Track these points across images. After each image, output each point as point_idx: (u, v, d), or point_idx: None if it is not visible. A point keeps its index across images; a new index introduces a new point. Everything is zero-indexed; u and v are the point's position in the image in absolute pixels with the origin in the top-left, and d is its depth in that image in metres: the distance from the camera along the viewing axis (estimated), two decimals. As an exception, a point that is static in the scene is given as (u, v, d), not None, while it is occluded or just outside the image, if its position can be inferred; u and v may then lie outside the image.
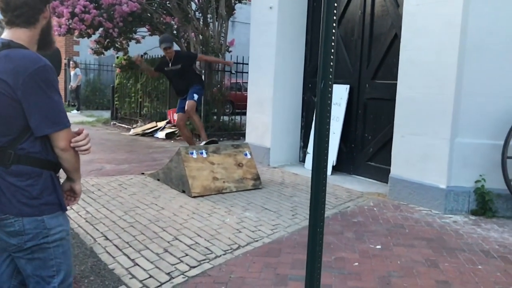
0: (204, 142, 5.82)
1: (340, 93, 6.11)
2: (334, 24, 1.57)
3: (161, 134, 9.48)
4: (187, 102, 6.13)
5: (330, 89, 1.65)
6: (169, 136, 9.36)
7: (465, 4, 4.37)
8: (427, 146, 4.71)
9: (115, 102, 12.50)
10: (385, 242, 3.69)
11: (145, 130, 9.94)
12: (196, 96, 6.20)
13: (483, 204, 4.48)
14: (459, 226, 4.16)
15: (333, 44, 1.57)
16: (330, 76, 1.63)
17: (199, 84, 6.44)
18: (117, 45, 10.44)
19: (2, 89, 1.53)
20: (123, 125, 11.52)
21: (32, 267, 1.63)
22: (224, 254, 3.33)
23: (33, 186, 1.60)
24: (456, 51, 4.44)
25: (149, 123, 10.55)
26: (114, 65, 12.19)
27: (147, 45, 11.39)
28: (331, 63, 1.65)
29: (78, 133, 1.66)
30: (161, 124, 10.01)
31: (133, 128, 10.65)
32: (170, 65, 6.39)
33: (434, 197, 4.66)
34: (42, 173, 1.62)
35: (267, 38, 6.70)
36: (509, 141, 4.34)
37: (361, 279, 3.01)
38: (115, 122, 12.10)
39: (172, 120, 9.94)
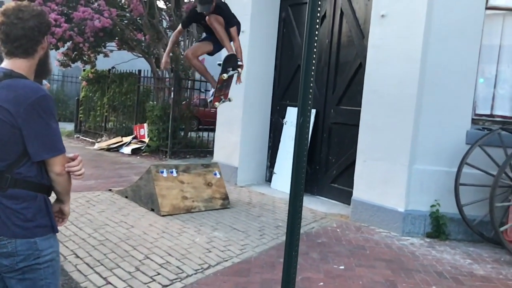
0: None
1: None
2: (313, 73, 1.76)
3: (126, 150, 9.43)
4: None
5: (308, 125, 1.83)
6: (135, 152, 9.32)
7: (425, 42, 4.74)
8: (388, 171, 5.00)
9: (80, 115, 12.31)
10: (348, 263, 3.90)
11: (110, 145, 9.86)
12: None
13: (438, 228, 4.79)
14: (415, 248, 4.43)
15: (311, 90, 1.76)
16: (308, 114, 1.81)
17: None
18: (84, 58, 10.37)
19: (4, 116, 1.62)
20: (87, 138, 11.36)
21: (22, 287, 1.70)
22: (195, 274, 3.42)
23: (27, 209, 1.67)
24: (415, 84, 4.79)
25: (114, 137, 10.46)
26: (80, 77, 12.05)
27: (115, 59, 11.39)
28: (310, 102, 1.84)
29: (73, 159, 1.76)
30: (126, 139, 9.96)
31: (97, 142, 10.53)
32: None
33: (393, 220, 4.94)
34: (36, 196, 1.70)
35: (238, 60, 6.89)
36: (462, 169, 4.69)
37: (326, 299, 3.18)
38: (79, 135, 11.91)
39: (138, 136, 9.92)
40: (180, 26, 5.21)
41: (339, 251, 4.18)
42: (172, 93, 9.22)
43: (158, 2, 9.40)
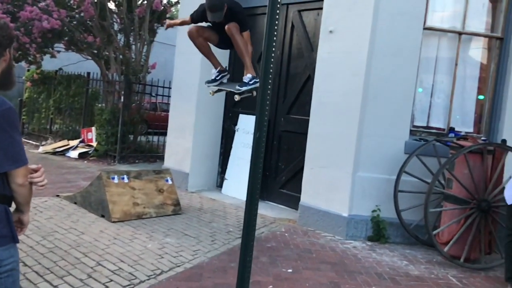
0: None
1: (257, 125, 6.56)
2: (269, 91, 1.93)
3: (73, 154, 9.20)
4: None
5: (264, 139, 1.99)
6: (82, 156, 9.11)
7: (369, 57, 5.07)
8: (333, 178, 5.28)
9: (23, 117, 11.82)
10: (296, 266, 4.10)
11: (56, 148, 9.56)
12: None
13: (378, 231, 5.13)
14: (358, 251, 4.72)
15: (267, 107, 1.92)
16: (265, 129, 1.98)
17: None
18: (30, 58, 10.00)
19: None
20: (30, 141, 10.93)
21: (-19, 296, 1.72)
22: (148, 279, 3.48)
23: (-12, 220, 1.71)
24: (359, 97, 5.11)
25: (60, 141, 10.16)
26: (24, 78, 11.57)
27: (61, 60, 11.07)
28: (266, 118, 2.00)
29: (36, 170, 1.81)
30: (73, 143, 9.70)
31: (42, 145, 10.17)
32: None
33: (338, 224, 5.22)
34: (-3, 207, 1.73)
35: (192, 67, 6.98)
36: (401, 176, 5.06)
37: (275, 300, 3.36)
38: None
39: (85, 139, 9.70)
40: (188, 18, 4.62)
41: (287, 255, 4.38)
42: (122, 97, 9.11)
43: (109, 5, 9.27)
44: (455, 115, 5.61)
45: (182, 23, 4.91)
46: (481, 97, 5.62)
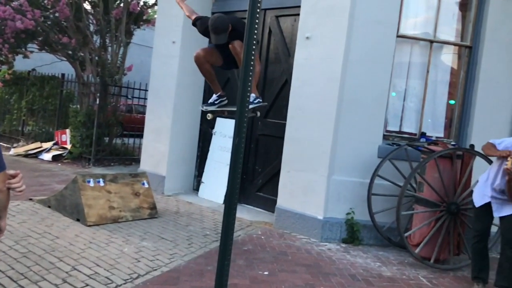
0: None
1: (235, 128, 6.61)
2: (248, 98, 1.98)
3: (47, 156, 9.03)
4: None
5: (242, 145, 2.05)
6: (56, 158, 8.95)
7: (344, 63, 5.19)
8: (309, 182, 5.37)
9: (-7, 118, 11.54)
10: (272, 269, 4.16)
11: (28, 150, 9.36)
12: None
13: (352, 234, 5.24)
14: (332, 253, 4.82)
15: (246, 114, 1.97)
16: (244, 135, 2.03)
17: None
18: (1, 59, 9.77)
19: None
20: (1, 143, 10.65)
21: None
22: (124, 284, 3.48)
23: (-35, 225, 1.70)
24: (335, 102, 5.22)
25: (32, 143, 9.95)
26: (-5, 78, 11.29)
27: (35, 60, 10.86)
28: (245, 124, 2.06)
29: (14, 176, 1.81)
30: (46, 145, 9.52)
31: (13, 147, 9.94)
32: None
33: (313, 227, 5.31)
34: (-26, 213, 1.73)
35: (169, 70, 6.98)
36: (374, 180, 5.19)
37: (252, 303, 3.41)
38: (-9, 139, 11.13)
39: (59, 142, 9.54)
40: (193, 18, 4.34)
41: (264, 258, 4.43)
42: (97, 99, 9.01)
43: (85, 5, 9.16)
44: (427, 120, 5.80)
45: (186, 12, 4.47)
46: (452, 102, 5.83)
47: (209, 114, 4.25)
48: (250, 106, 3.86)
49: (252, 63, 2.17)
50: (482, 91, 5.58)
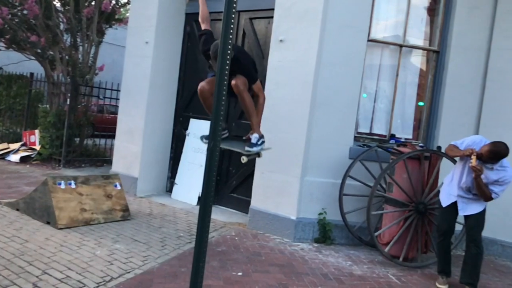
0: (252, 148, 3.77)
1: (209, 129, 6.61)
2: (223, 102, 2.02)
3: (14, 157, 8.78)
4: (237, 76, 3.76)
5: (217, 148, 2.08)
6: (24, 160, 8.73)
7: (317, 66, 5.28)
8: (282, 183, 5.44)
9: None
10: (245, 269, 4.20)
11: (-6, 151, 9.09)
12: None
13: (324, 233, 5.34)
14: (305, 253, 4.90)
15: (221, 117, 2.01)
16: (219, 139, 2.06)
17: None
18: (-34, 56, 9.47)
19: None
20: (-35, 143, 10.31)
21: None
22: (97, 287, 3.44)
23: None
24: (308, 104, 5.30)
25: (-1, 143, 9.67)
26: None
27: (1, 58, 10.56)
28: (220, 128, 2.09)
29: None
30: (14, 146, 9.26)
31: (-21, 148, 9.62)
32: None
33: (286, 227, 5.38)
34: None
35: (142, 71, 6.92)
36: (345, 180, 5.30)
37: (226, 304, 3.44)
38: (-46, 140, 10.74)
39: (28, 143, 9.30)
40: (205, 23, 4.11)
41: (238, 258, 4.47)
42: (68, 99, 8.83)
43: (55, 3, 8.96)
44: (396, 122, 5.97)
45: (201, 14, 4.15)
46: (421, 103, 6.01)
47: (243, 158, 3.88)
48: (254, 150, 3.71)
49: (227, 67, 2.21)
50: (449, 94, 5.78)
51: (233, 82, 3.66)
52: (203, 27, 4.12)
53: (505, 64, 5.71)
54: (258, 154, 3.85)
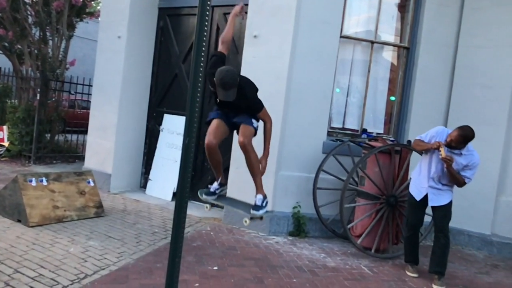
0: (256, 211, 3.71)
1: (183, 124, 6.59)
2: (198, 99, 2.04)
3: (-19, 154, 8.53)
4: (242, 125, 3.74)
5: (193, 144, 2.10)
6: (-9, 156, 8.49)
7: (291, 62, 5.33)
8: (257, 177, 5.48)
9: None
10: (221, 263, 4.23)
11: (-40, 148, 8.80)
12: (255, 123, 3.80)
13: (299, 227, 5.42)
14: (280, 246, 4.97)
15: (196, 114, 2.03)
16: (194, 135, 2.08)
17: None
18: None
19: None
20: None
21: None
22: (71, 284, 3.41)
23: None
24: (282, 99, 5.36)
25: (-35, 140, 9.35)
26: None
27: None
28: (195, 124, 2.11)
29: None
30: (-19, 142, 8.99)
31: None
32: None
33: (261, 221, 5.38)
34: None
35: (114, 66, 6.83)
36: (319, 175, 5.39)
37: (201, 298, 3.47)
38: None
39: (-3, 139, 9.03)
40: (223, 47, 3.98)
41: (213, 253, 4.50)
42: (37, 94, 8.62)
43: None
44: (368, 117, 6.09)
45: (224, 34, 4.08)
46: (392, 98, 6.15)
47: (207, 205, 3.79)
48: (260, 212, 3.61)
49: (202, 58, 2.23)
50: (418, 90, 5.94)
51: (240, 140, 3.60)
52: (220, 48, 3.98)
53: (471, 60, 5.91)
54: (261, 218, 3.66)
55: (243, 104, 3.70)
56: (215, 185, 3.97)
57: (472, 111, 5.83)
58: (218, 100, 3.74)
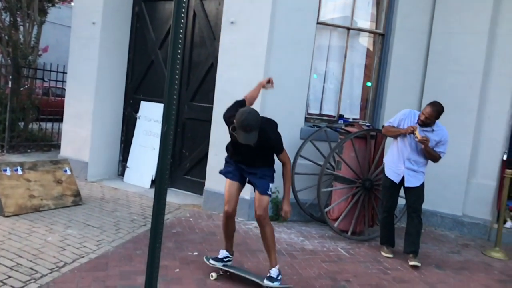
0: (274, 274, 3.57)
1: (161, 112, 6.54)
2: (176, 86, 2.05)
3: (-48, 144, 8.30)
4: (258, 195, 3.68)
5: (171, 132, 2.12)
6: (-37, 146, 8.27)
7: (268, 49, 5.34)
8: (236, 164, 5.51)
9: None
10: (201, 249, 4.28)
11: None
12: (270, 189, 3.76)
13: (277, 211, 5.50)
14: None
15: (175, 102, 2.04)
16: (172, 122, 2.10)
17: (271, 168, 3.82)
18: None
19: None
20: None
21: None
22: (50, 273, 3.40)
23: None
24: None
25: None
26: None
27: None
28: (173, 112, 2.12)
29: None
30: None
31: None
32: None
33: (240, 207, 5.40)
34: None
35: (89, 53, 6.70)
36: (297, 160, 5.46)
37: (182, 283, 3.52)
38: None
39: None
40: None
41: (193, 239, 4.54)
42: (9, 82, 8.40)
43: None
44: (345, 102, 6.18)
45: (251, 93, 4.00)
46: (368, 84, 6.25)
47: (212, 274, 3.69)
48: (275, 284, 3.46)
49: (179, 46, 2.23)
50: (393, 75, 6.05)
51: (257, 214, 3.57)
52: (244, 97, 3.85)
53: (444, 47, 6.05)
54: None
55: (263, 148, 3.52)
56: (224, 253, 3.82)
57: (445, 96, 5.94)
58: (231, 143, 3.63)
